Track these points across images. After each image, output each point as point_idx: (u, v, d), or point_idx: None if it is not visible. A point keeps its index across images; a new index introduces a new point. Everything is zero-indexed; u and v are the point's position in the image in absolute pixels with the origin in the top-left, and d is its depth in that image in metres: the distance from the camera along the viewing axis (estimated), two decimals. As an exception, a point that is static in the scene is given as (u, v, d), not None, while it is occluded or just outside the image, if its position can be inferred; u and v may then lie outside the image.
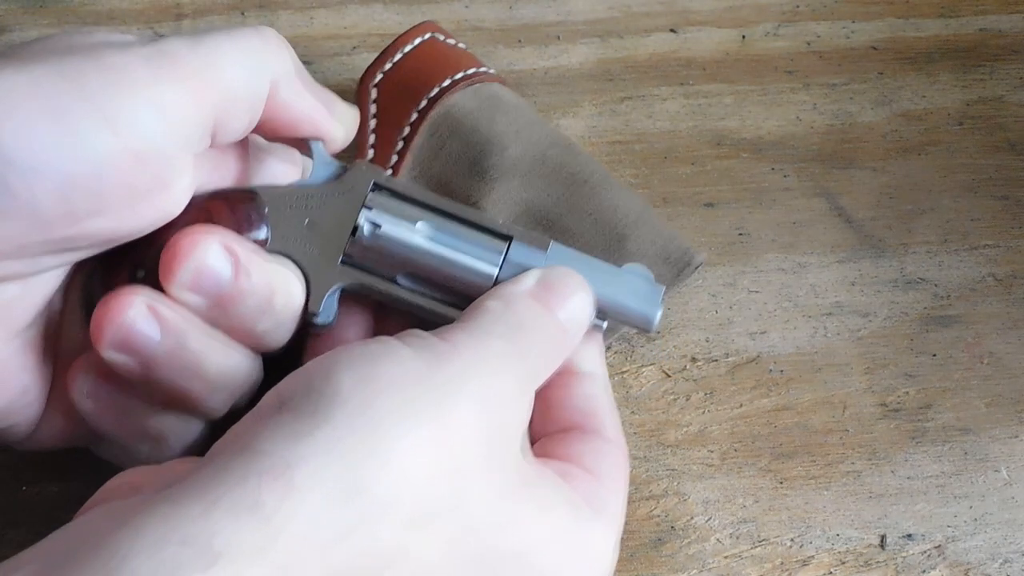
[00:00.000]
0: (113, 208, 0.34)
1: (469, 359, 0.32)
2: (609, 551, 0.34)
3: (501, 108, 0.49)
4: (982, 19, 0.59)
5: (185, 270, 0.35)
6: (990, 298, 0.51)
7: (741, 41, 0.58)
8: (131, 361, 0.35)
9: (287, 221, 0.38)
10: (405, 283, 0.39)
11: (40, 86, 0.32)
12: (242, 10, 0.57)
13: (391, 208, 0.39)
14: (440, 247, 0.39)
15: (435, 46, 0.51)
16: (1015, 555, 0.45)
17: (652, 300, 0.40)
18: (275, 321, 0.37)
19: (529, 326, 0.35)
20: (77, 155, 0.32)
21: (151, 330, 0.35)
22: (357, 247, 0.39)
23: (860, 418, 0.48)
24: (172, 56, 0.34)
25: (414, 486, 0.28)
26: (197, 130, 0.35)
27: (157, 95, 0.33)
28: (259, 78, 0.36)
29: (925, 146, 0.55)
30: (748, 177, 0.54)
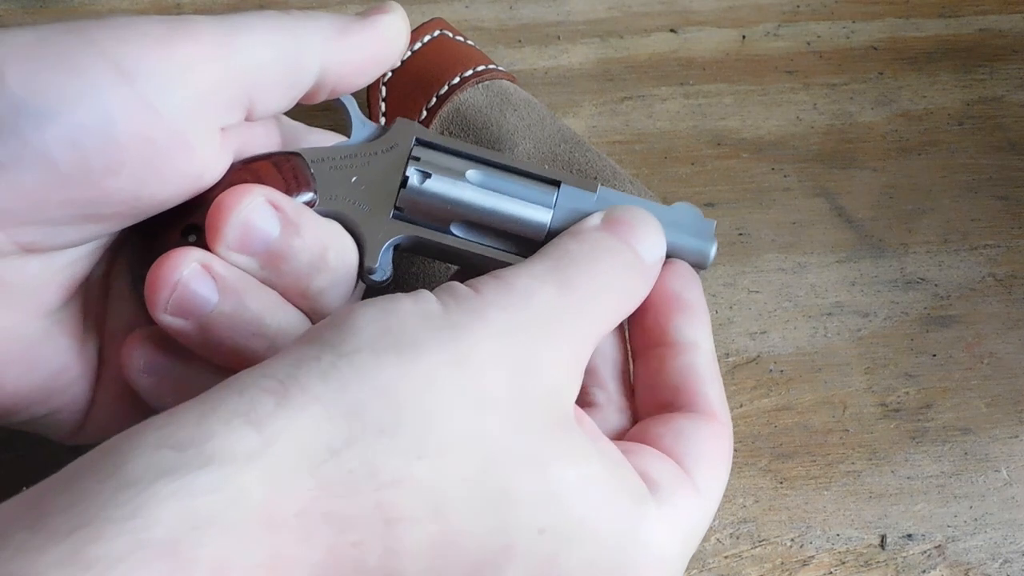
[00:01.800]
0: (131, 167, 0.33)
1: (491, 296, 0.31)
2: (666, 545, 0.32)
3: (511, 104, 0.49)
4: (982, 19, 0.59)
5: (231, 226, 0.34)
6: (990, 298, 0.51)
7: (741, 41, 0.58)
8: (188, 324, 0.34)
9: (334, 180, 0.38)
10: (459, 232, 0.39)
11: (48, 40, 0.32)
12: (242, 10, 0.57)
13: (438, 159, 0.39)
14: (491, 192, 0.39)
15: (444, 43, 0.51)
16: (1015, 555, 0.45)
17: (706, 235, 0.39)
18: (331, 279, 0.36)
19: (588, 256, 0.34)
20: (87, 102, 0.32)
21: (207, 289, 0.34)
22: (408, 199, 0.38)
23: (860, 418, 0.48)
24: (190, 21, 0.34)
25: (419, 415, 0.28)
26: (221, 95, 0.34)
27: (172, 50, 0.33)
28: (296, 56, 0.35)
29: (925, 146, 0.55)
30: (748, 177, 0.54)
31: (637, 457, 0.33)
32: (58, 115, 0.31)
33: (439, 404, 0.29)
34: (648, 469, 0.32)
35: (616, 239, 0.35)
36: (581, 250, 0.34)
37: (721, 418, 0.35)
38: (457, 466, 0.28)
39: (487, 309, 0.31)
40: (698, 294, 0.37)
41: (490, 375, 0.30)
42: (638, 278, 0.35)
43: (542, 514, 0.29)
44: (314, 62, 0.36)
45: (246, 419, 0.27)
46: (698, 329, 0.36)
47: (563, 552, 0.30)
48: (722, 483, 0.34)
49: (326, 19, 0.37)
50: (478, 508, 0.29)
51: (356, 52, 0.37)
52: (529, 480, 0.29)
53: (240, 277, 0.35)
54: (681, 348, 0.36)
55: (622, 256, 0.35)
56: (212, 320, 0.34)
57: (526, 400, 0.30)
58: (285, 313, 0.36)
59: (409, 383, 0.29)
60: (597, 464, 0.31)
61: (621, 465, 0.32)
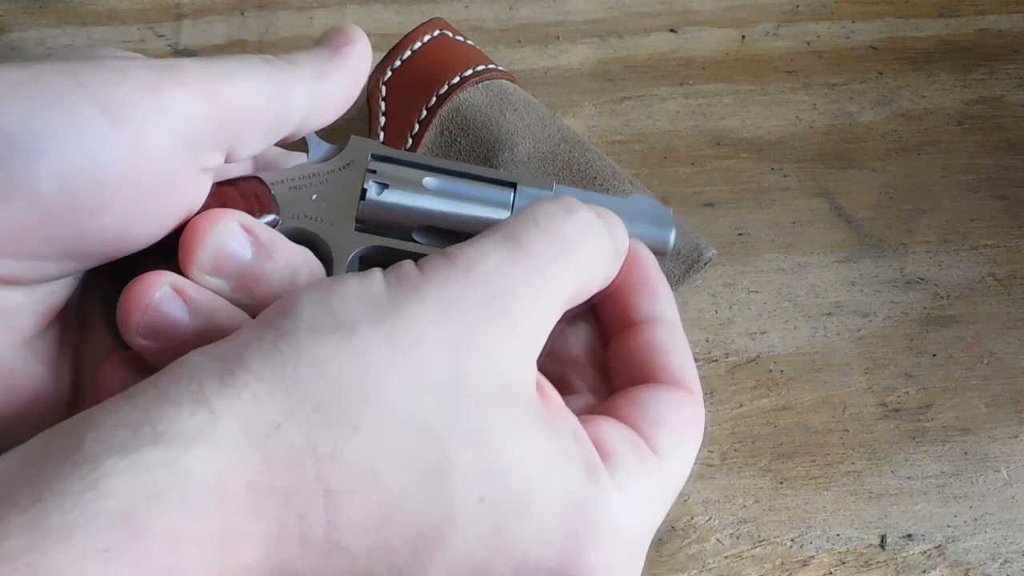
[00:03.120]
0: (116, 206, 0.33)
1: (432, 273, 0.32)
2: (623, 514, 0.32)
3: (511, 104, 0.49)
4: (982, 19, 0.59)
5: (204, 250, 0.35)
6: (990, 298, 0.51)
7: (741, 41, 0.58)
8: (161, 346, 0.35)
9: (295, 200, 0.39)
10: (422, 239, 0.40)
11: (38, 79, 0.32)
12: (242, 10, 0.57)
13: (395, 170, 0.40)
14: (449, 198, 0.39)
15: (444, 43, 0.51)
16: (1015, 555, 0.45)
17: (664, 222, 0.40)
18: None
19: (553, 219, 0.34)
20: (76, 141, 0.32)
21: (178, 311, 0.35)
22: (368, 211, 0.39)
23: (860, 418, 0.48)
24: (179, 66, 0.34)
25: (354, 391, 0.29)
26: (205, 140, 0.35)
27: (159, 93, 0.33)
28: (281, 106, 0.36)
29: (925, 146, 0.55)
30: (748, 177, 0.54)
31: (595, 428, 0.33)
32: (46, 152, 0.32)
33: (373, 380, 0.29)
34: (604, 439, 0.33)
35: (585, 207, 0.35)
36: (546, 210, 0.34)
37: (685, 385, 0.35)
38: (393, 440, 0.29)
39: (425, 285, 0.31)
40: (654, 270, 0.37)
41: (425, 351, 0.30)
42: (608, 245, 0.35)
43: (482, 486, 0.30)
44: (296, 111, 0.37)
45: (194, 399, 0.28)
46: (658, 303, 0.37)
47: (508, 524, 0.30)
48: (687, 448, 0.34)
49: (306, 65, 0.37)
50: (416, 480, 0.29)
51: (335, 92, 0.38)
52: (467, 453, 0.30)
53: (212, 299, 0.35)
54: (643, 325, 0.36)
55: (590, 220, 0.35)
56: (184, 341, 0.35)
57: (465, 376, 0.31)
58: None
59: (344, 360, 0.29)
60: (542, 438, 0.31)
61: (575, 438, 0.32)
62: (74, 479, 0.26)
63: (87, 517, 0.25)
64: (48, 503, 0.25)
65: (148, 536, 0.26)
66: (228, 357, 0.29)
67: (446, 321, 0.31)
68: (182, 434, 0.27)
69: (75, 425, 0.28)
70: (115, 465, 0.26)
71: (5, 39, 0.55)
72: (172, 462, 0.27)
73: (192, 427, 0.27)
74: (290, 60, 0.37)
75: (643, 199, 0.41)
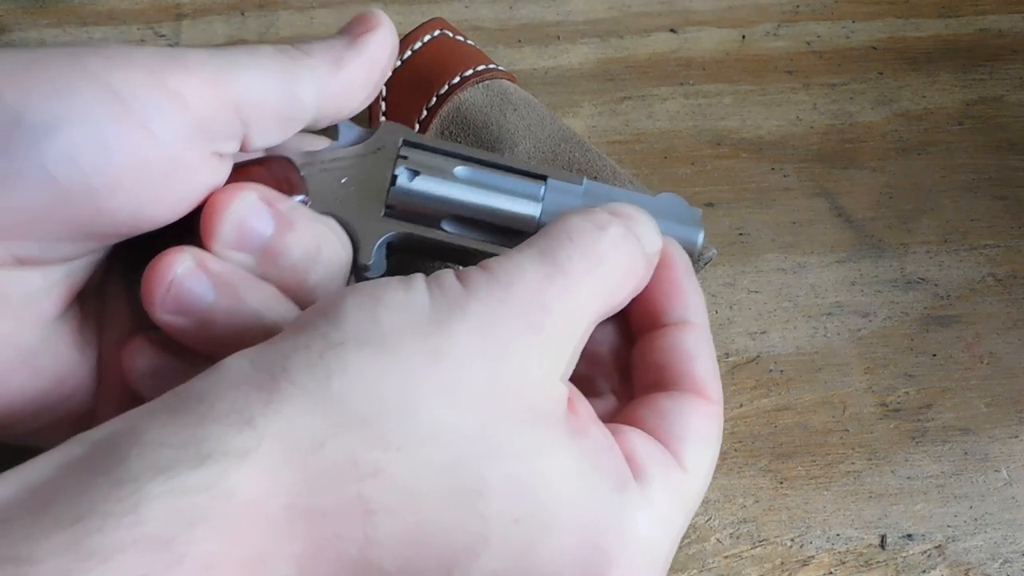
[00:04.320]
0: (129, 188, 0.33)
1: (475, 288, 0.31)
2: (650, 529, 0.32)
3: (511, 104, 0.49)
4: (982, 19, 0.59)
5: (225, 225, 0.35)
6: (990, 298, 0.51)
7: (741, 41, 0.58)
8: (187, 322, 0.35)
9: (324, 182, 0.39)
10: (450, 228, 0.39)
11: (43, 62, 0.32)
12: (242, 10, 0.57)
13: (426, 157, 0.39)
14: (480, 188, 0.39)
15: (445, 43, 0.51)
16: (1015, 555, 0.45)
17: (692, 222, 0.40)
18: (326, 272, 0.37)
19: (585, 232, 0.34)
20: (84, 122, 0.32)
21: (203, 287, 0.34)
22: (398, 198, 0.39)
23: (860, 418, 0.48)
24: (184, 54, 0.34)
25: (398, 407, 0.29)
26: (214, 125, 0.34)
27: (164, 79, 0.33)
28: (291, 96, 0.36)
29: (925, 146, 0.55)
30: (748, 177, 0.54)
31: (624, 440, 0.33)
32: (55, 132, 0.32)
33: (417, 397, 0.29)
34: (634, 452, 0.33)
35: (616, 219, 0.35)
36: (579, 226, 0.34)
37: (707, 394, 0.35)
38: (433, 458, 0.29)
39: (469, 302, 0.31)
40: (686, 273, 0.37)
41: (467, 369, 0.30)
42: (640, 258, 0.35)
43: (516, 505, 0.30)
44: (310, 100, 0.37)
45: (240, 417, 0.27)
46: (687, 307, 0.36)
47: (539, 541, 0.30)
48: (710, 460, 0.34)
49: (319, 54, 0.37)
50: (453, 499, 0.29)
51: (352, 81, 0.38)
52: (502, 471, 0.30)
53: (235, 273, 0.35)
54: (670, 328, 0.36)
55: (624, 235, 0.35)
56: (210, 316, 0.35)
57: (501, 393, 0.30)
58: (282, 306, 0.36)
59: (389, 376, 0.29)
60: (574, 454, 0.31)
61: (606, 452, 0.32)
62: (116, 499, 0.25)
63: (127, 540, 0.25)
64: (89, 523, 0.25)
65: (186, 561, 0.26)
66: (272, 366, 0.29)
67: (486, 338, 0.30)
68: (226, 454, 0.27)
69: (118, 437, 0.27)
70: (158, 487, 0.26)
71: (5, 39, 0.55)
72: (215, 485, 0.26)
73: (237, 446, 0.27)
74: (303, 49, 0.37)
75: (671, 197, 0.40)
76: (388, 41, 0.39)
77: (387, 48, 0.39)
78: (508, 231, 0.39)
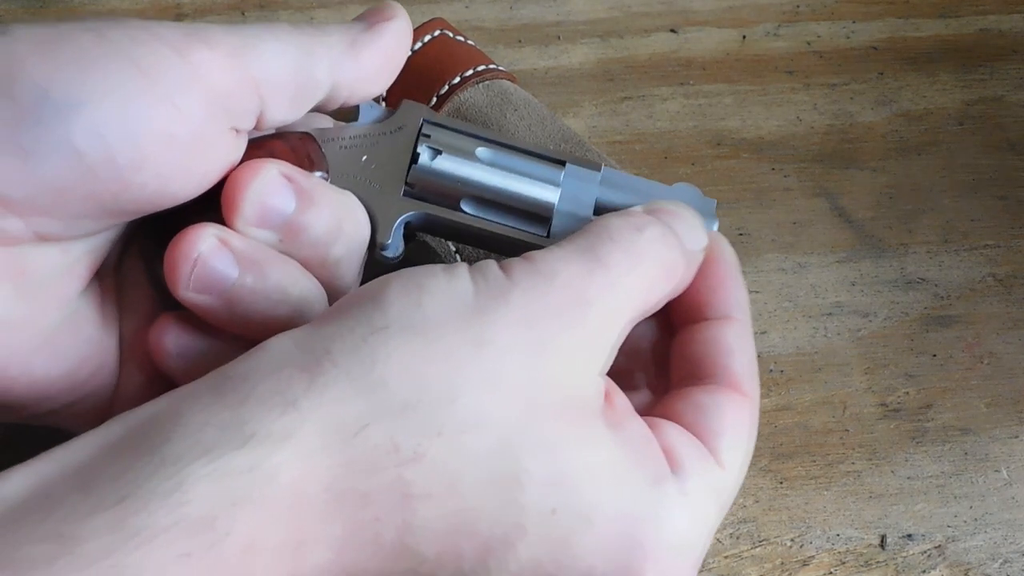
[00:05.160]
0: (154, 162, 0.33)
1: (518, 279, 0.31)
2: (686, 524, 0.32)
3: (511, 104, 0.49)
4: (982, 19, 0.59)
5: (248, 201, 0.35)
6: (990, 298, 0.51)
7: (741, 41, 0.58)
8: (212, 300, 0.35)
9: (344, 160, 0.39)
10: (469, 209, 0.39)
11: (66, 36, 0.32)
12: (242, 10, 0.57)
13: (448, 137, 0.39)
14: (500, 171, 0.39)
15: (445, 43, 0.51)
16: (1015, 555, 0.45)
17: (706, 213, 0.39)
18: (347, 247, 0.37)
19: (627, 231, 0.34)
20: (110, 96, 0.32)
21: (226, 264, 0.34)
22: (418, 176, 0.39)
23: (860, 418, 0.48)
24: (205, 29, 0.34)
25: (440, 394, 0.29)
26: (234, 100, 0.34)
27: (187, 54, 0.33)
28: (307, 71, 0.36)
29: (925, 146, 0.55)
30: (748, 177, 0.54)
31: (662, 434, 0.33)
32: (81, 106, 0.31)
33: (459, 384, 0.29)
34: (672, 446, 0.33)
35: (658, 219, 0.35)
36: (621, 226, 0.34)
37: (744, 389, 0.35)
38: (473, 445, 0.29)
39: (512, 292, 0.31)
40: (732, 268, 0.37)
41: (509, 359, 0.30)
42: (679, 258, 0.35)
43: (553, 495, 0.30)
44: (324, 77, 0.36)
45: (283, 398, 0.28)
46: (730, 303, 0.36)
47: (576, 532, 0.30)
48: (745, 455, 0.34)
49: (336, 34, 0.37)
50: (491, 487, 0.29)
51: (366, 64, 0.38)
52: (541, 462, 0.30)
53: (259, 249, 0.35)
54: (712, 322, 0.36)
55: (663, 235, 0.35)
56: (235, 293, 0.35)
57: (542, 384, 0.31)
58: (307, 281, 0.36)
59: (431, 362, 0.29)
60: (613, 447, 0.31)
61: (644, 446, 0.32)
62: (159, 478, 0.26)
63: (171, 520, 0.25)
64: (132, 503, 0.25)
65: (228, 542, 0.26)
66: (316, 348, 0.29)
67: (528, 329, 0.31)
68: (269, 436, 0.27)
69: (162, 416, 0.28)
70: (202, 468, 0.26)
71: (5, 39, 0.55)
72: (257, 467, 0.27)
73: (279, 428, 0.27)
74: (320, 27, 0.37)
75: (686, 188, 0.40)
76: (404, 31, 0.39)
77: (402, 38, 0.39)
78: (526, 215, 0.39)
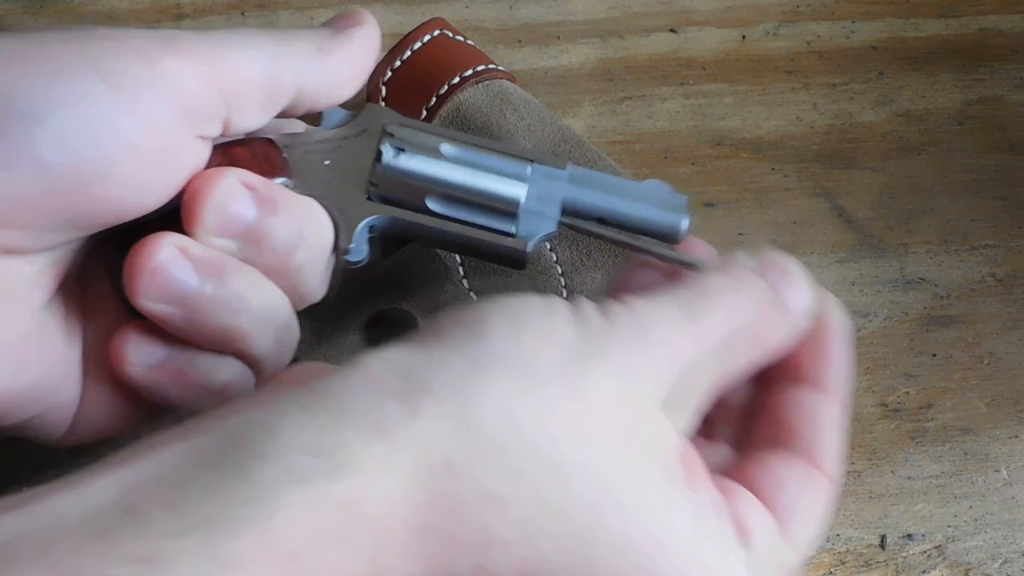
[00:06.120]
0: (120, 173, 0.33)
1: (620, 329, 0.30)
2: None
3: (511, 104, 0.49)
4: (982, 19, 0.59)
5: (207, 210, 0.35)
6: (990, 298, 0.51)
7: (741, 41, 0.58)
8: (172, 309, 0.34)
9: (307, 164, 0.38)
10: (436, 207, 0.39)
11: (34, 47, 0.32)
12: (242, 10, 0.57)
13: (411, 134, 0.39)
14: (466, 167, 0.39)
15: (444, 43, 0.51)
16: (1015, 555, 0.45)
17: (677, 208, 0.39)
18: (309, 254, 0.37)
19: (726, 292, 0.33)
20: (76, 107, 0.32)
21: (185, 273, 0.34)
22: (382, 175, 0.38)
23: (860, 418, 0.48)
24: (174, 36, 0.34)
25: (532, 441, 0.28)
26: (202, 108, 0.35)
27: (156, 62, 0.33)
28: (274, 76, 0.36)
29: (925, 146, 0.55)
30: (748, 177, 0.54)
31: (736, 502, 0.32)
32: (47, 118, 0.32)
33: (552, 432, 0.28)
34: (744, 516, 0.32)
35: (763, 281, 0.34)
36: (722, 284, 0.33)
37: (826, 469, 0.34)
38: (555, 496, 0.28)
39: (611, 344, 0.30)
40: (842, 340, 0.36)
41: (602, 412, 0.29)
42: (778, 325, 0.34)
43: (625, 557, 0.29)
44: (291, 82, 0.37)
45: (378, 428, 0.27)
46: (832, 376, 0.35)
47: None
48: (814, 536, 0.33)
49: (303, 40, 0.37)
50: (567, 542, 0.28)
51: (333, 70, 0.38)
52: (619, 521, 0.29)
53: (219, 258, 0.35)
54: (808, 390, 0.35)
55: (764, 298, 0.33)
56: (195, 302, 0.35)
57: (630, 442, 0.30)
58: (269, 289, 0.36)
59: (527, 407, 0.28)
60: (687, 514, 0.30)
61: (716, 514, 0.31)
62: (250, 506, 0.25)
63: (258, 549, 0.24)
64: (223, 528, 0.24)
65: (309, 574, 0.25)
66: (414, 377, 0.28)
67: (624, 385, 0.30)
68: (362, 468, 0.26)
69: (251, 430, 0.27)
70: (293, 498, 0.25)
71: (5, 39, 0.55)
72: (348, 500, 0.26)
73: (372, 460, 0.26)
74: (288, 32, 0.37)
75: (657, 184, 0.40)
76: (372, 37, 0.39)
77: (371, 44, 0.39)
78: (492, 211, 0.39)
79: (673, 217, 0.39)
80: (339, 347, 0.45)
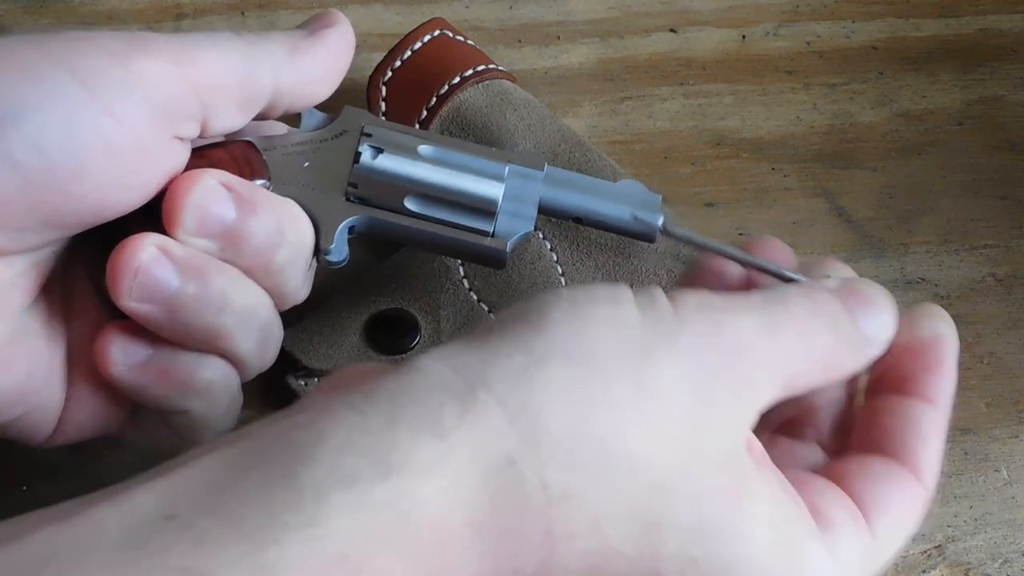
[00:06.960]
0: (94, 173, 0.33)
1: (689, 320, 0.30)
2: None
3: (511, 104, 0.49)
4: (982, 19, 0.59)
5: (187, 211, 0.35)
6: (990, 298, 0.51)
7: (741, 41, 0.58)
8: (155, 309, 0.35)
9: (286, 166, 0.39)
10: (414, 207, 0.39)
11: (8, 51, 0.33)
12: (242, 10, 0.57)
13: (389, 135, 0.40)
14: (444, 167, 0.39)
15: (444, 43, 0.51)
16: (1015, 555, 0.45)
17: (652, 208, 0.40)
18: (291, 253, 0.37)
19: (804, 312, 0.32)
20: (49, 107, 0.32)
21: (167, 272, 0.35)
22: (360, 176, 0.39)
23: (860, 418, 0.48)
24: (147, 38, 0.35)
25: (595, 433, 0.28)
26: (176, 108, 0.35)
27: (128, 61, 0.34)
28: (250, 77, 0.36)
29: (925, 146, 0.55)
30: (748, 177, 0.54)
31: (813, 491, 0.32)
32: (20, 118, 0.32)
33: (616, 424, 0.28)
34: (822, 504, 0.32)
35: (842, 307, 0.33)
36: (801, 304, 0.33)
37: (925, 481, 0.34)
38: (622, 489, 0.28)
39: (680, 333, 0.30)
40: (951, 357, 0.36)
41: (669, 403, 0.29)
42: (849, 353, 0.34)
43: (696, 545, 0.29)
44: (267, 83, 0.37)
45: (433, 429, 0.26)
46: (939, 389, 0.35)
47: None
48: (900, 541, 0.33)
49: (278, 41, 0.38)
50: (634, 531, 0.28)
51: (308, 70, 0.38)
52: (688, 512, 0.29)
53: (200, 258, 0.35)
54: (911, 400, 0.35)
55: (841, 326, 0.33)
56: (178, 302, 0.35)
57: (697, 433, 0.29)
58: (251, 289, 0.37)
59: (591, 398, 0.28)
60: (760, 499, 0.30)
61: (787, 500, 0.31)
62: (295, 510, 0.24)
63: (304, 554, 0.24)
64: (268, 534, 0.24)
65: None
66: (471, 372, 0.27)
67: (693, 378, 0.29)
68: (415, 468, 0.26)
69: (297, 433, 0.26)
70: (340, 501, 0.25)
71: (5, 39, 0.55)
72: (399, 501, 0.25)
73: (424, 461, 0.26)
74: (262, 34, 0.37)
75: (631, 183, 0.41)
76: (346, 38, 0.39)
77: (345, 44, 0.39)
78: (471, 211, 0.39)
79: (649, 217, 0.40)
80: (339, 347, 0.45)
